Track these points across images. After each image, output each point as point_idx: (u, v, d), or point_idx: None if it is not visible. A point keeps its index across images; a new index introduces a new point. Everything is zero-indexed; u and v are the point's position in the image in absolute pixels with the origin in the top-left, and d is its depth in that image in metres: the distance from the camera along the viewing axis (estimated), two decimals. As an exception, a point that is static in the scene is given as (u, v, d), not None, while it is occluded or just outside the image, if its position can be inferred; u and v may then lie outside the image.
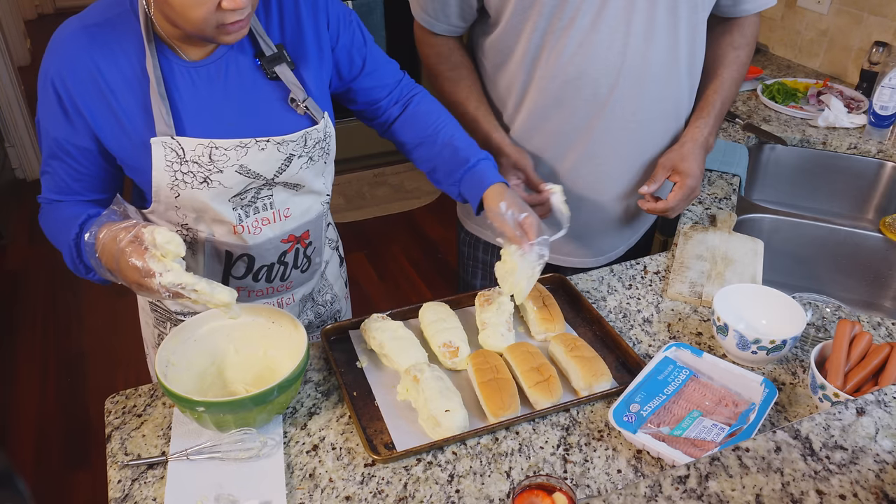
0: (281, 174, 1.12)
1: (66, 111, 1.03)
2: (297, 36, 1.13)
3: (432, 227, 3.51)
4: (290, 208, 1.18)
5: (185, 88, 1.06)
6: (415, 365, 1.11)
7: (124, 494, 0.97)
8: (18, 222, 3.65)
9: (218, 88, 1.08)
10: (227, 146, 1.06)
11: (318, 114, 1.13)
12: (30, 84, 4.54)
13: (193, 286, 0.97)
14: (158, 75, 1.02)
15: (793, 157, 1.96)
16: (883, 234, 1.65)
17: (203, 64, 1.07)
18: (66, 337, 2.88)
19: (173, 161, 1.04)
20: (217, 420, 0.99)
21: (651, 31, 1.28)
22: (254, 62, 1.10)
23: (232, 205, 1.11)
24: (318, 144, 1.15)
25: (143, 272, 0.96)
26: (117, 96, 1.03)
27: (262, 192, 1.13)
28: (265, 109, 1.10)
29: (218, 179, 1.07)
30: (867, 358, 1.05)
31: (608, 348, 1.22)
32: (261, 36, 1.09)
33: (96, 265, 1.02)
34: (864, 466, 0.77)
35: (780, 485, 0.76)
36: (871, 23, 2.19)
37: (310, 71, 1.14)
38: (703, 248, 1.44)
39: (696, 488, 0.76)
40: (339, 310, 1.46)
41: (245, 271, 1.20)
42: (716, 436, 1.01)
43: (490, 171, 1.22)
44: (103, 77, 1.02)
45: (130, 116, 1.04)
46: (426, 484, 0.98)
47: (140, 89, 1.03)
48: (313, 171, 1.17)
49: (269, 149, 1.09)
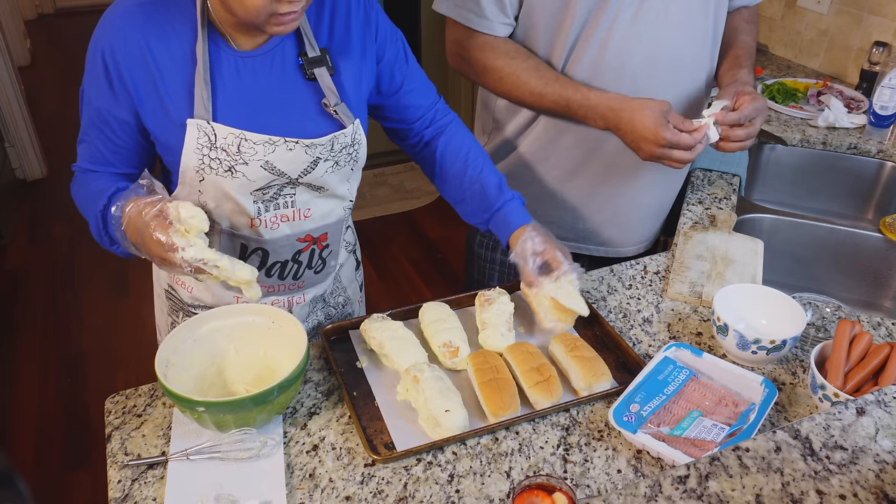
0: (306, 175, 1.13)
1: (112, 83, 1.06)
2: (344, 42, 1.15)
3: (432, 227, 3.51)
4: (311, 209, 1.19)
5: (230, 76, 1.07)
6: (415, 365, 1.11)
7: (124, 494, 0.97)
8: (18, 222, 3.65)
9: (260, 81, 1.09)
10: (257, 140, 1.07)
11: (349, 119, 1.14)
12: (30, 84, 4.56)
13: (216, 262, 0.99)
14: (206, 60, 1.05)
15: (793, 157, 1.96)
16: (883, 234, 1.65)
17: (251, 55, 1.08)
18: (66, 337, 2.88)
19: (204, 145, 1.06)
20: (217, 420, 0.99)
21: (687, 22, 1.33)
22: (296, 61, 1.11)
23: (253, 198, 1.13)
24: (346, 150, 1.16)
25: (167, 246, 0.98)
26: (164, 75, 1.05)
27: (284, 189, 1.14)
28: (299, 108, 1.12)
29: (243, 171, 1.09)
30: (867, 358, 1.05)
31: (608, 348, 1.22)
32: (307, 36, 1.10)
33: (121, 238, 1.05)
34: (864, 466, 0.77)
35: (780, 485, 0.76)
36: (871, 23, 2.19)
37: (350, 78, 1.15)
38: (703, 248, 1.44)
39: (696, 488, 0.76)
40: (350, 313, 1.46)
41: (258, 265, 1.21)
42: (716, 436, 1.01)
43: (516, 212, 1.24)
44: (152, 55, 1.04)
45: (173, 96, 1.06)
46: (426, 484, 0.98)
47: (187, 71, 1.05)
48: (339, 176, 1.18)
49: (296, 150, 1.10)
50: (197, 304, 1.29)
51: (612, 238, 1.58)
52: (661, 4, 1.30)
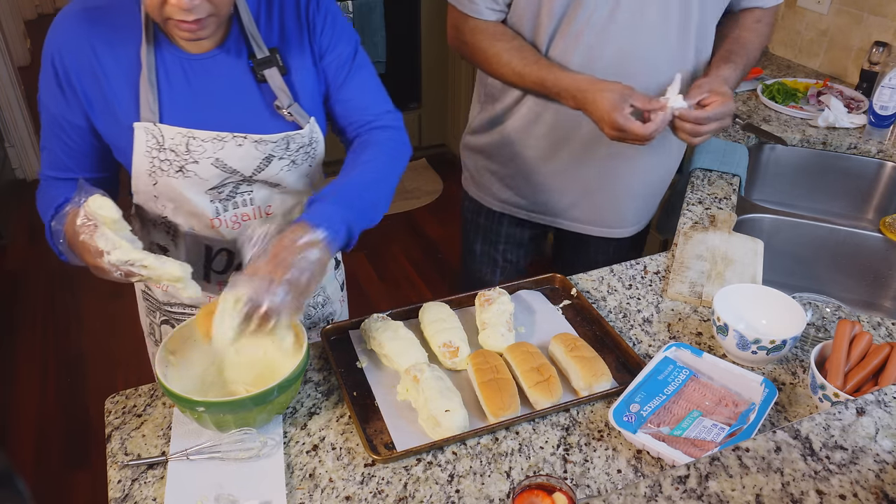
0: (260, 173, 1.13)
1: (63, 88, 1.06)
2: (296, 41, 1.13)
3: (432, 227, 3.51)
4: (271, 206, 1.19)
5: (177, 80, 1.07)
6: (415, 365, 1.11)
7: (124, 494, 0.97)
8: (18, 222, 3.65)
9: (210, 84, 1.09)
10: (205, 137, 1.07)
11: (304, 119, 1.13)
12: (30, 84, 4.54)
13: (142, 261, 0.97)
14: (151, 62, 1.05)
15: (793, 157, 1.96)
16: (883, 234, 1.65)
17: (199, 58, 1.08)
18: (65, 337, 2.88)
19: (153, 147, 1.07)
20: (217, 420, 0.99)
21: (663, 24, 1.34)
22: (248, 64, 1.11)
23: (209, 197, 1.12)
24: (303, 149, 1.15)
25: (94, 252, 0.96)
26: (110, 80, 1.05)
27: (240, 187, 1.14)
28: (251, 111, 1.11)
29: (193, 170, 1.08)
30: (867, 358, 1.05)
31: (608, 348, 1.22)
32: (254, 38, 1.10)
33: (66, 251, 1.04)
34: (864, 466, 0.77)
35: (780, 485, 0.76)
36: (871, 23, 2.19)
37: (302, 77, 1.14)
38: (703, 248, 1.44)
39: (696, 488, 0.76)
40: (331, 312, 1.45)
41: (226, 266, 1.21)
42: (716, 436, 1.01)
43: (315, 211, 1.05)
44: (98, 60, 1.04)
45: (120, 100, 1.06)
46: (426, 484, 0.98)
47: (133, 75, 1.06)
48: (296, 174, 1.17)
49: (246, 146, 1.09)
50: (173, 301, 1.29)
51: (597, 217, 1.61)
52: (637, 5, 1.32)
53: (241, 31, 1.10)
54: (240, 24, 1.09)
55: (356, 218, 1.05)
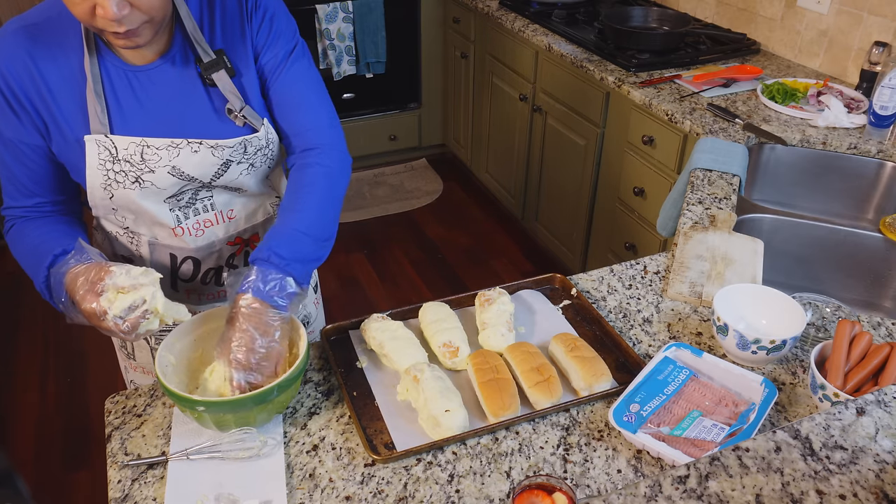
0: (218, 178, 1.11)
1: (13, 108, 1.04)
2: (240, 40, 1.11)
3: (432, 227, 3.51)
4: (233, 210, 1.17)
5: (123, 91, 1.05)
6: (415, 365, 1.11)
7: (124, 494, 0.97)
8: (18, 222, 3.65)
9: (155, 96, 1.07)
10: (159, 145, 1.05)
11: (258, 122, 1.11)
12: None
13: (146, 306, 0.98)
14: (96, 74, 1.03)
15: (793, 157, 1.96)
16: (883, 234, 1.65)
17: (143, 69, 1.06)
18: (66, 337, 2.88)
19: (106, 159, 1.05)
20: (217, 419, 0.99)
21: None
22: (196, 69, 1.08)
23: (168, 206, 1.11)
24: (260, 152, 1.14)
25: (99, 314, 0.96)
26: (55, 95, 1.03)
27: (199, 193, 1.13)
28: (203, 118, 1.09)
29: (150, 180, 1.07)
30: (867, 358, 1.05)
31: (608, 348, 1.22)
32: (198, 43, 1.07)
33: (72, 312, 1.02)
34: (864, 466, 0.77)
35: (780, 485, 0.76)
36: (871, 23, 2.19)
37: (251, 78, 1.12)
38: (703, 248, 1.44)
39: (696, 488, 0.76)
40: (306, 315, 1.44)
41: (192, 275, 1.20)
42: (716, 436, 1.01)
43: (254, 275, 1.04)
44: (42, 76, 1.02)
45: (67, 115, 1.04)
46: (426, 484, 0.98)
47: (78, 89, 1.04)
48: (256, 177, 1.16)
49: (202, 152, 1.08)
50: None
51: None
52: None
53: (184, 37, 1.07)
54: (183, 30, 1.07)
55: (308, 268, 1.09)
